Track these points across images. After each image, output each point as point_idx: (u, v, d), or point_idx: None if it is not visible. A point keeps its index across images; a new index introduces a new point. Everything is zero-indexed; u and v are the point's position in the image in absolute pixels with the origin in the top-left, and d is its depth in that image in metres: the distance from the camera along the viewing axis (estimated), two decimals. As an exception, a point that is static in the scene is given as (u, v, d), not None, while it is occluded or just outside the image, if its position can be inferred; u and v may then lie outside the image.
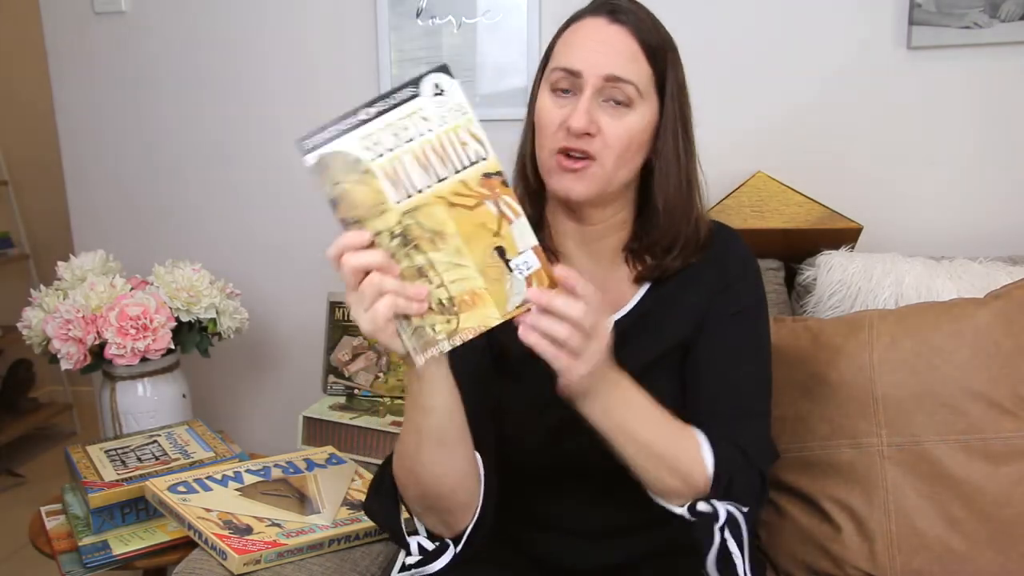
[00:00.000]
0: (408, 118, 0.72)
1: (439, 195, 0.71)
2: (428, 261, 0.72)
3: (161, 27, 1.82)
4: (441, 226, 0.72)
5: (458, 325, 0.73)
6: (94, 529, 1.21)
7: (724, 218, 1.42)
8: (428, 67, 0.74)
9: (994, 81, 1.46)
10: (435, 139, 0.71)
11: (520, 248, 0.71)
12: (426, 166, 0.71)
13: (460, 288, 0.72)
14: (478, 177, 0.71)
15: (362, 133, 0.72)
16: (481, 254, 0.72)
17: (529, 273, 0.71)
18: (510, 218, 0.71)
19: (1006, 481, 1.08)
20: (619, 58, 0.87)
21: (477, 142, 0.71)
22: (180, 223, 1.90)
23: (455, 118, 0.71)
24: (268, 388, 1.93)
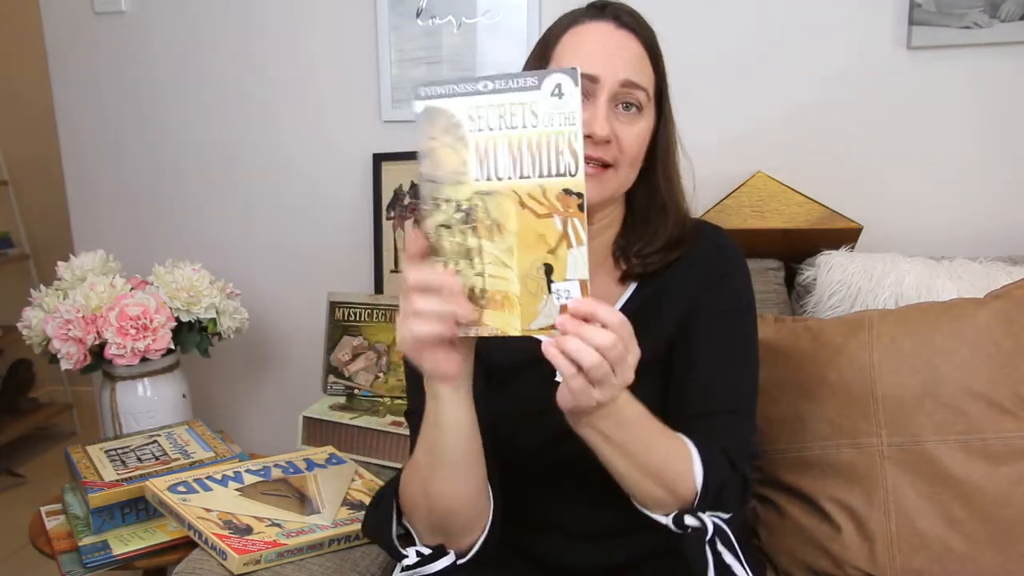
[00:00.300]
0: (520, 106, 0.70)
1: (515, 190, 0.70)
2: (479, 246, 0.72)
3: (161, 27, 1.82)
4: (505, 219, 0.71)
5: (480, 318, 0.72)
6: (94, 529, 1.21)
7: (724, 218, 1.42)
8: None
9: (994, 81, 1.46)
10: (535, 136, 0.70)
11: (569, 275, 0.70)
12: (516, 158, 0.70)
13: (496, 285, 0.72)
14: (558, 190, 0.69)
15: (473, 103, 0.71)
16: (529, 264, 0.71)
17: (566, 303, 0.70)
18: (571, 242, 0.69)
19: (1006, 481, 1.08)
20: (633, 63, 0.88)
21: (572, 155, 0.69)
22: (180, 223, 1.90)
23: (562, 124, 0.69)
24: (268, 388, 1.93)
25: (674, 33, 1.56)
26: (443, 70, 1.66)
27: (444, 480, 0.84)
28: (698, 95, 1.57)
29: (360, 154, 1.74)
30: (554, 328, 0.70)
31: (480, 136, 0.71)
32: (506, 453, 0.94)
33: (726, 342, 0.94)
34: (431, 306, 0.71)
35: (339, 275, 1.78)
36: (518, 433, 0.94)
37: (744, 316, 0.96)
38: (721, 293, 0.95)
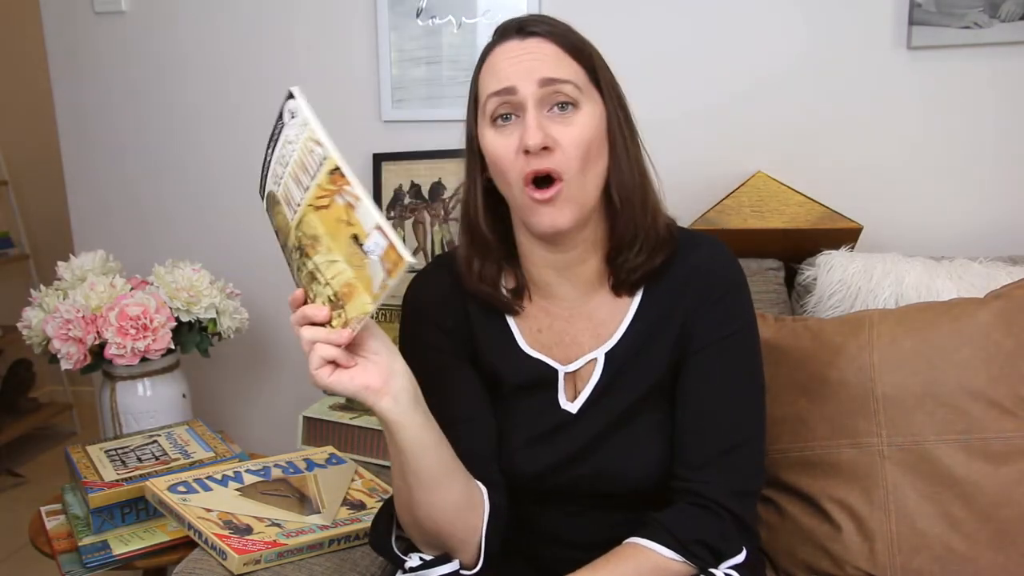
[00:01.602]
0: (284, 147, 0.80)
1: (309, 203, 0.77)
2: (314, 265, 0.78)
3: (161, 27, 1.82)
4: (315, 230, 0.77)
5: (346, 317, 0.77)
6: (94, 529, 1.21)
7: (724, 218, 1.42)
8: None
9: (994, 81, 1.46)
10: (298, 156, 0.78)
11: (367, 230, 0.73)
12: (299, 181, 0.78)
13: (339, 282, 0.77)
14: (326, 177, 0.75)
15: (269, 172, 0.83)
16: (344, 246, 0.75)
17: (381, 252, 0.73)
18: (353, 205, 0.74)
19: (1006, 481, 1.08)
20: (546, 62, 0.85)
21: (319, 145, 0.75)
22: (180, 223, 1.90)
23: (303, 132, 0.77)
24: (268, 388, 1.93)
25: (674, 33, 1.57)
26: (443, 70, 1.67)
27: (423, 500, 0.84)
28: (698, 95, 1.58)
29: (360, 154, 1.74)
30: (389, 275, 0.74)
31: (281, 187, 0.81)
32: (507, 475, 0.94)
33: (729, 372, 0.91)
34: (309, 335, 0.77)
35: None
36: (519, 459, 0.94)
37: (746, 339, 0.92)
38: (721, 316, 0.91)
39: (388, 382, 0.79)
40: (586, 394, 0.93)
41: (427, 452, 0.82)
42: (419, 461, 0.82)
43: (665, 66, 1.56)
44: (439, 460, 0.84)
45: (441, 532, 0.87)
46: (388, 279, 0.73)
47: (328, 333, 0.76)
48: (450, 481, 0.85)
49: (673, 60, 1.57)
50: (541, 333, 0.95)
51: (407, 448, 0.81)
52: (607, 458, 0.92)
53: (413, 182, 1.67)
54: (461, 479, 0.87)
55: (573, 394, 0.94)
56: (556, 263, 0.93)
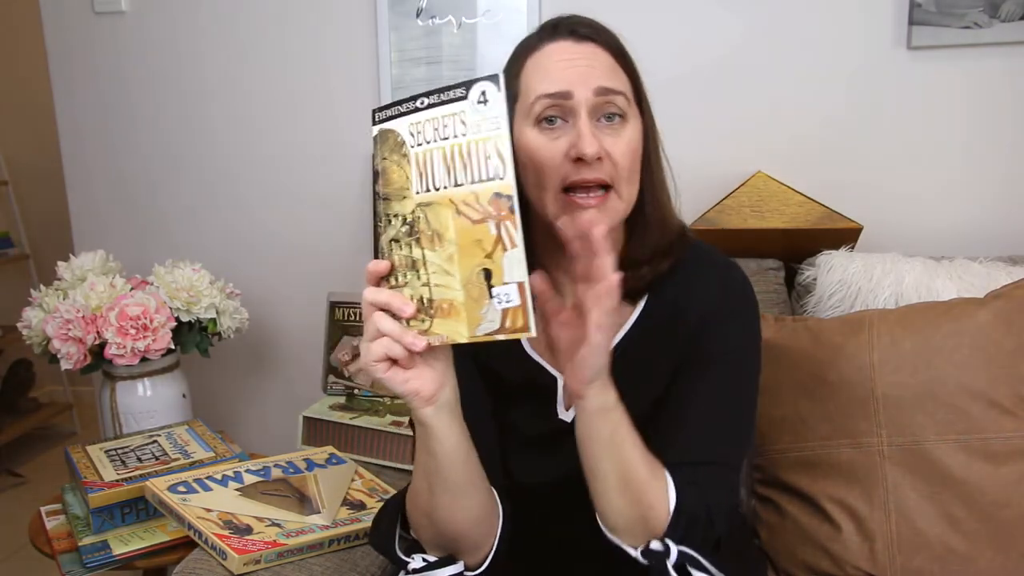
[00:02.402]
0: (450, 117, 0.72)
1: (451, 198, 0.71)
2: (423, 257, 0.73)
3: (161, 27, 1.82)
4: (444, 228, 0.72)
5: (430, 327, 0.73)
6: (94, 529, 1.21)
7: (724, 218, 1.42)
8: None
9: (994, 81, 1.46)
10: (465, 144, 0.71)
11: (506, 279, 0.69)
12: (450, 167, 0.71)
13: (441, 294, 0.73)
14: (489, 194, 0.70)
15: (413, 119, 0.74)
16: (469, 269, 0.71)
17: (507, 307, 0.69)
18: (506, 245, 0.69)
19: (1006, 481, 1.08)
20: (603, 70, 0.83)
21: (500, 159, 0.69)
22: (180, 223, 1.90)
23: (488, 130, 0.70)
24: (268, 388, 1.93)
25: (675, 34, 1.57)
26: (443, 70, 1.66)
27: (446, 505, 0.83)
28: (698, 95, 1.58)
29: (360, 154, 1.74)
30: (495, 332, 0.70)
31: (420, 150, 0.73)
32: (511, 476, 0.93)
33: (725, 389, 0.89)
34: (382, 324, 0.73)
35: (339, 275, 1.78)
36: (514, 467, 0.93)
37: (747, 360, 0.91)
38: (724, 337, 0.90)
39: (440, 392, 0.77)
40: None
41: (458, 461, 0.81)
42: (450, 469, 0.81)
43: (665, 66, 1.56)
44: (468, 469, 0.83)
45: (460, 537, 0.86)
46: (497, 334, 0.70)
47: (404, 332, 0.73)
48: (475, 489, 0.84)
49: (673, 60, 1.57)
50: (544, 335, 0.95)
51: (440, 455, 0.80)
52: None
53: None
54: (485, 487, 0.86)
55: (571, 403, 0.93)
56: (567, 265, 0.93)
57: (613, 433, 0.79)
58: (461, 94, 0.71)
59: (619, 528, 0.82)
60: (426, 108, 0.73)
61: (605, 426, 0.78)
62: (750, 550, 1.18)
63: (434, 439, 0.79)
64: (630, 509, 0.80)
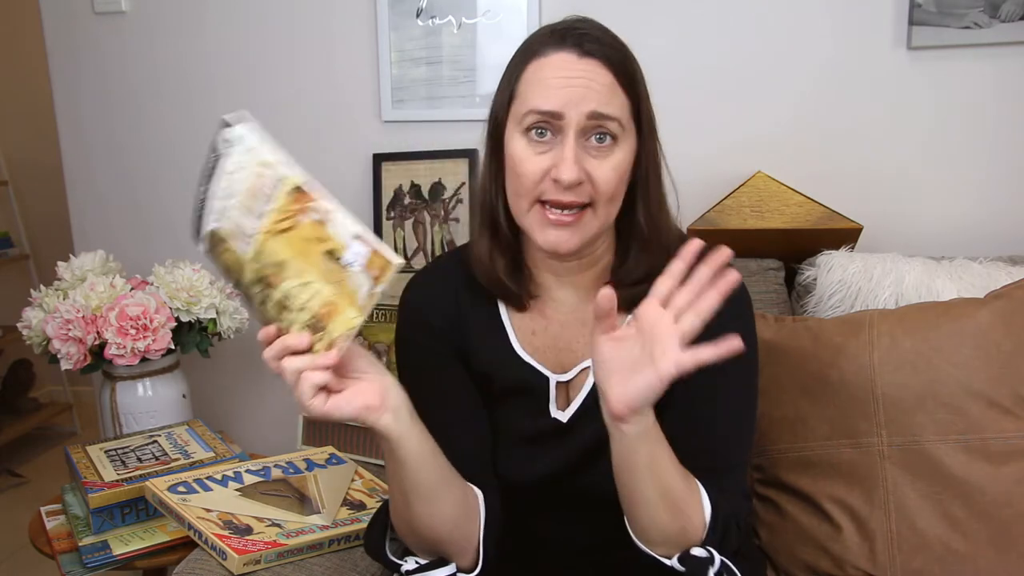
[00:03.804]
0: (225, 179, 0.76)
1: (267, 230, 0.74)
2: (283, 293, 0.75)
3: (161, 27, 1.82)
4: (277, 256, 0.74)
5: (330, 338, 0.74)
6: (94, 529, 1.21)
7: (724, 218, 1.42)
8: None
9: (994, 81, 1.46)
10: (247, 185, 0.75)
11: (345, 242, 0.72)
12: (250, 210, 0.75)
13: (317, 303, 0.74)
14: (287, 197, 0.73)
15: (207, 209, 0.79)
16: (318, 265, 0.73)
17: (364, 261, 0.71)
18: (324, 220, 0.72)
19: (1006, 481, 1.08)
20: (600, 94, 0.82)
21: (269, 168, 0.73)
22: (180, 223, 1.87)
23: (248, 159, 0.75)
24: (268, 388, 1.93)
25: (675, 33, 1.57)
26: (443, 70, 1.66)
27: (422, 512, 0.84)
28: (698, 95, 1.58)
29: (360, 154, 1.74)
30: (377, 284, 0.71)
31: (226, 221, 0.77)
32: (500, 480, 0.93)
33: (726, 392, 0.89)
34: (293, 366, 0.74)
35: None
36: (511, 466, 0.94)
37: (746, 364, 0.90)
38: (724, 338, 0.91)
39: (385, 398, 0.78)
40: (578, 403, 0.92)
41: (425, 463, 0.82)
42: (418, 473, 0.82)
43: (665, 66, 1.56)
44: (437, 470, 0.83)
45: (440, 541, 0.87)
46: (376, 286, 0.71)
47: (313, 359, 0.73)
48: (447, 491, 0.85)
49: (673, 60, 1.57)
50: (535, 336, 0.95)
51: (407, 460, 0.81)
52: (598, 470, 0.90)
53: (413, 182, 1.67)
54: (458, 487, 0.87)
55: (565, 402, 0.93)
56: (556, 268, 0.93)
57: (653, 454, 0.79)
58: (215, 156, 0.77)
59: (658, 541, 0.82)
60: (207, 191, 0.78)
61: (645, 449, 0.78)
62: (750, 550, 1.18)
63: (398, 446, 0.79)
64: (671, 523, 0.81)
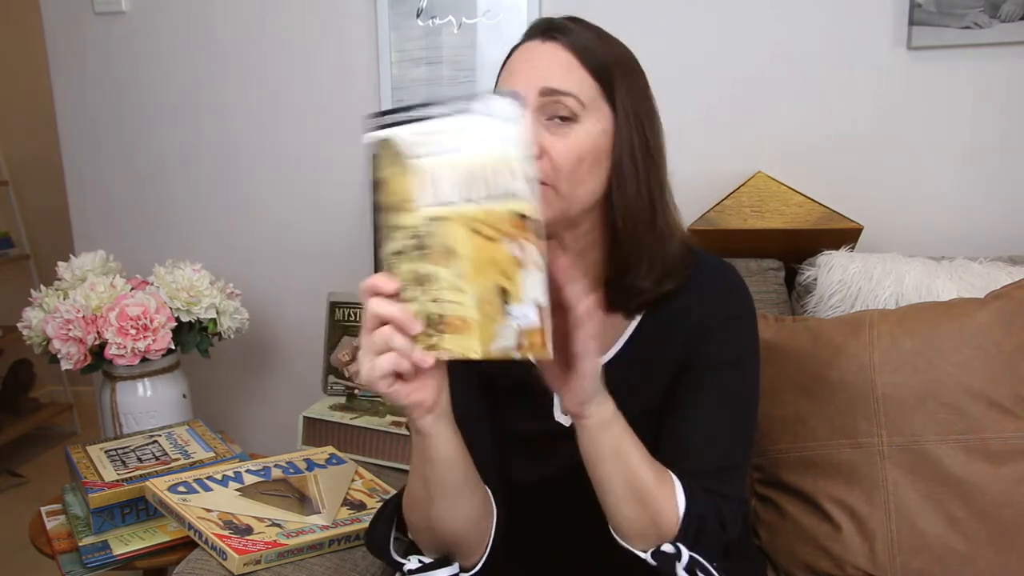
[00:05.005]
0: (465, 130, 0.68)
1: (465, 215, 0.68)
2: (433, 273, 0.70)
3: (161, 27, 1.82)
4: (456, 244, 0.69)
5: (438, 343, 0.71)
6: (94, 529, 1.21)
7: (724, 218, 1.42)
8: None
9: (994, 81, 1.47)
10: (484, 161, 0.67)
11: (524, 299, 0.67)
12: (465, 183, 0.68)
13: (452, 310, 0.70)
14: (510, 214, 0.67)
15: (419, 129, 0.69)
16: (483, 287, 0.68)
17: (524, 327, 0.67)
18: (524, 264, 0.67)
19: (1006, 481, 1.08)
20: (553, 71, 0.83)
21: (523, 180, 0.66)
22: (180, 223, 1.90)
23: (512, 150, 0.67)
24: (268, 388, 1.93)
25: (675, 34, 1.57)
26: (443, 70, 1.67)
27: (444, 509, 0.84)
28: (698, 95, 1.58)
29: (360, 154, 1.74)
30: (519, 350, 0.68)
31: (428, 161, 0.69)
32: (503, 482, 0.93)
33: (726, 395, 0.89)
34: (391, 339, 0.70)
35: (339, 275, 1.78)
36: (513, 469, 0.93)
37: (747, 367, 0.91)
38: (725, 342, 0.89)
39: (439, 400, 0.77)
40: None
41: (455, 463, 0.82)
42: (448, 474, 0.81)
43: (665, 66, 1.55)
44: (464, 469, 0.83)
45: (457, 539, 0.87)
46: (514, 353, 0.68)
47: (413, 348, 0.71)
48: (471, 491, 0.85)
49: (673, 60, 1.57)
50: None
51: (437, 459, 0.80)
52: None
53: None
54: (481, 488, 0.87)
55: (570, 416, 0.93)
56: None
57: (616, 445, 0.79)
58: (477, 107, 0.67)
59: (630, 535, 0.82)
60: (434, 118, 0.69)
61: (607, 440, 0.79)
62: (750, 550, 1.18)
63: (433, 447, 0.79)
64: (639, 516, 0.81)
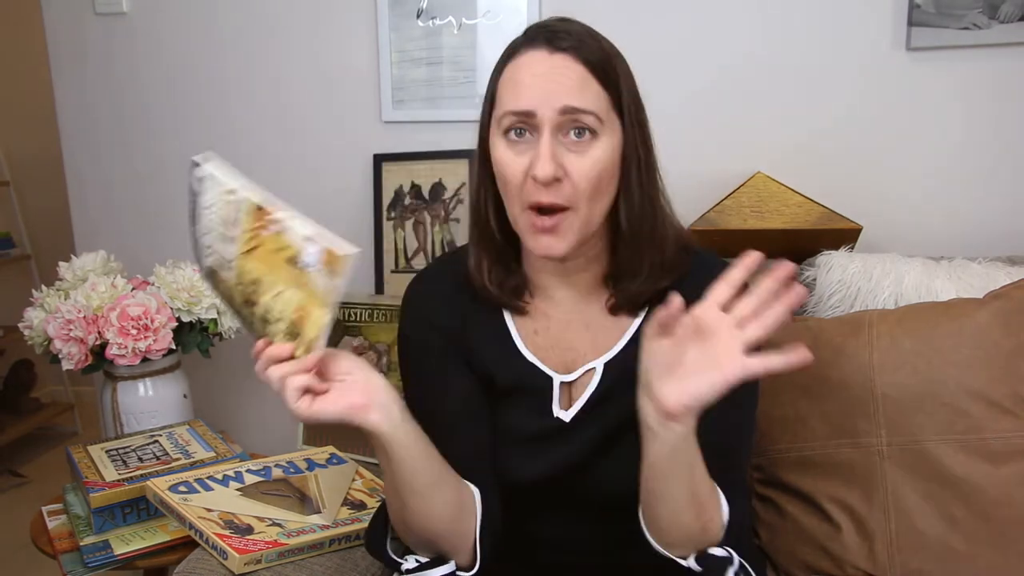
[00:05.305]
0: (204, 215, 0.81)
1: (240, 253, 0.79)
2: (264, 308, 0.79)
3: (162, 28, 1.82)
4: (252, 275, 0.79)
5: (307, 340, 0.78)
6: (95, 529, 1.21)
7: (724, 218, 1.42)
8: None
9: (993, 82, 1.46)
10: (219, 215, 0.80)
11: (299, 245, 0.76)
12: (226, 238, 0.80)
13: (290, 310, 0.78)
14: (249, 218, 0.77)
15: (200, 249, 0.83)
16: (285, 273, 0.77)
17: (319, 259, 0.75)
18: (281, 230, 0.76)
19: (1006, 481, 1.08)
20: (571, 88, 0.81)
21: (231, 193, 0.78)
22: (181, 223, 1.87)
23: (218, 191, 0.79)
24: (268, 388, 1.90)
25: (674, 34, 1.57)
26: (443, 71, 1.67)
27: (416, 508, 0.85)
28: (698, 96, 1.58)
29: (360, 154, 1.74)
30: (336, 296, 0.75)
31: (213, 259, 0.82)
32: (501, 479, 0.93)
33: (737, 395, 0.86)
34: (277, 373, 0.78)
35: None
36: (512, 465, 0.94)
37: None
38: None
39: (371, 396, 0.79)
40: (581, 403, 0.92)
41: (418, 461, 0.82)
42: (411, 471, 0.82)
43: (665, 66, 1.56)
44: (430, 467, 0.84)
45: (436, 538, 0.87)
46: (334, 281, 0.74)
47: (294, 363, 0.78)
48: (442, 488, 0.85)
49: (673, 60, 1.57)
50: (538, 335, 0.95)
51: (399, 459, 0.81)
52: (601, 470, 0.91)
53: (413, 183, 1.67)
54: (453, 484, 0.87)
55: (568, 402, 0.93)
56: (555, 269, 0.93)
57: (692, 457, 0.79)
58: (194, 197, 0.82)
59: (677, 542, 0.82)
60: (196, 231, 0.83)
61: (689, 449, 0.78)
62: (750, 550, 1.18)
63: (389, 444, 0.80)
64: (694, 524, 0.81)
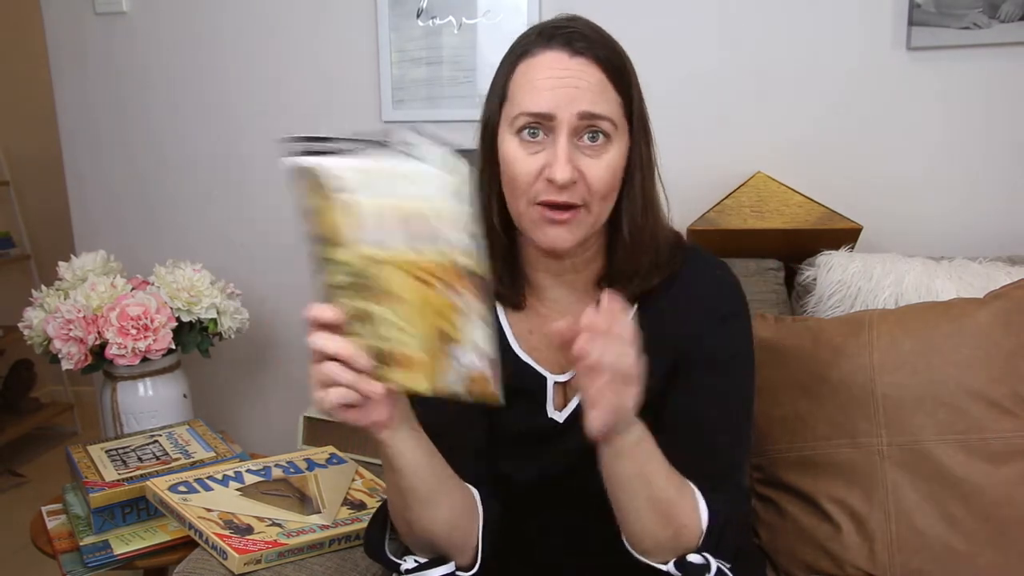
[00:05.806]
0: (403, 175, 0.66)
1: (403, 260, 0.67)
2: (377, 313, 0.70)
3: (162, 28, 1.82)
4: (394, 288, 0.69)
5: (386, 374, 0.71)
6: (95, 529, 1.21)
7: (724, 218, 1.42)
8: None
9: (994, 82, 1.47)
10: (423, 209, 0.66)
11: (465, 343, 0.68)
12: (402, 229, 0.67)
13: (398, 348, 0.70)
14: (450, 267, 0.66)
15: (348, 163, 0.67)
16: (426, 330, 0.69)
17: (470, 371, 0.68)
18: (464, 314, 0.67)
19: (1006, 481, 1.08)
20: (591, 93, 0.81)
21: (467, 235, 0.66)
22: (180, 223, 1.90)
23: (457, 203, 0.65)
24: (269, 388, 1.93)
25: (674, 35, 1.57)
26: (443, 71, 1.67)
27: (420, 514, 0.84)
28: (698, 96, 1.58)
29: (360, 154, 1.74)
30: None
31: (361, 202, 0.67)
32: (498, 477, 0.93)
33: (731, 395, 0.89)
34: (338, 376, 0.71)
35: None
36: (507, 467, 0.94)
37: (743, 365, 0.91)
38: (719, 341, 0.89)
39: (394, 415, 0.78)
40: (575, 403, 0.92)
41: (421, 468, 0.82)
42: (417, 480, 0.82)
43: (665, 66, 1.56)
44: (433, 474, 0.83)
45: (438, 541, 0.87)
46: (464, 397, 0.68)
47: (359, 381, 0.71)
48: (445, 494, 0.85)
49: (673, 61, 1.57)
50: (532, 335, 0.95)
51: (403, 467, 0.81)
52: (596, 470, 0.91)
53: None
54: (456, 490, 0.87)
55: (563, 402, 0.93)
56: (551, 268, 0.93)
57: (642, 467, 0.78)
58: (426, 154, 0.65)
59: (651, 550, 0.82)
60: (379, 158, 0.66)
61: (633, 463, 0.78)
62: (750, 550, 1.18)
63: (397, 456, 0.80)
64: (662, 531, 0.80)
